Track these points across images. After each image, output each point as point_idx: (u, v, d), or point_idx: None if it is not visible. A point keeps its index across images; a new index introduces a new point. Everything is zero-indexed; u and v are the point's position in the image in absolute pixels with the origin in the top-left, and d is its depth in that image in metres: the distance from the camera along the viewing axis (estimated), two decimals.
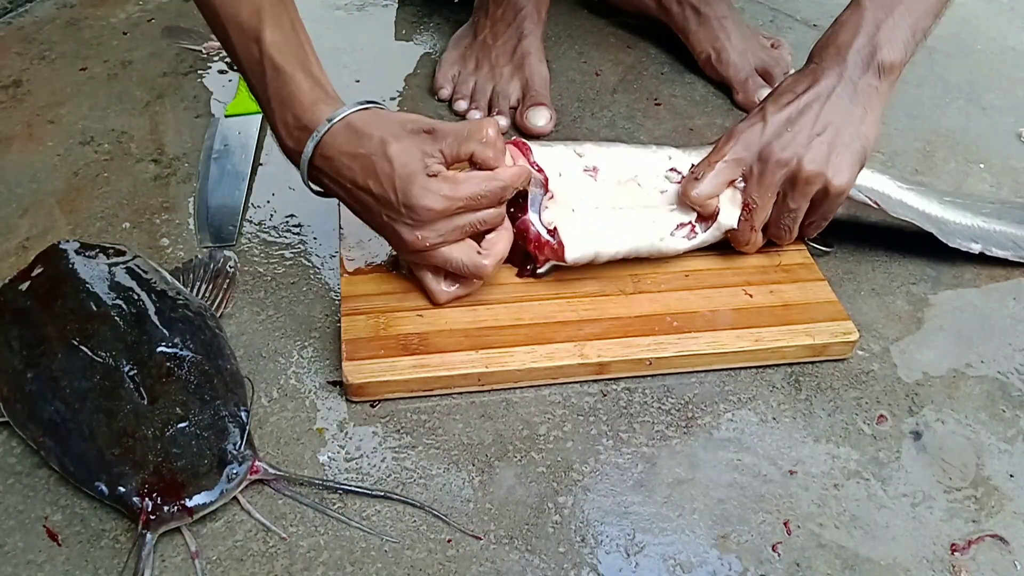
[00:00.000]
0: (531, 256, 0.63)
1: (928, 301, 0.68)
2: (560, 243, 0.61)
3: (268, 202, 0.74)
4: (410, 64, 0.91)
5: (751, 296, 0.64)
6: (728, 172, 0.62)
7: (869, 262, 0.70)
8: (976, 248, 0.69)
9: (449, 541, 0.51)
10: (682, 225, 0.64)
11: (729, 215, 0.63)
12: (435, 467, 0.54)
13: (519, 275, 0.64)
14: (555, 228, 0.61)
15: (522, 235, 0.62)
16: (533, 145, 0.63)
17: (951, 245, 0.68)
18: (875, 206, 0.66)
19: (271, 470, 0.52)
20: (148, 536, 0.48)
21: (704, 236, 0.64)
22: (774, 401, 0.60)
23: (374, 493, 0.52)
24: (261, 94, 0.58)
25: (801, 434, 0.58)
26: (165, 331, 0.56)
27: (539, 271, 0.63)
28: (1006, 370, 0.63)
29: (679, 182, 0.64)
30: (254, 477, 0.51)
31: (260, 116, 0.82)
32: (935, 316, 0.67)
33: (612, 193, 0.63)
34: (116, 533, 0.50)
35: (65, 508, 0.51)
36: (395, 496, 0.52)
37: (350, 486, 0.52)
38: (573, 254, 0.61)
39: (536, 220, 0.62)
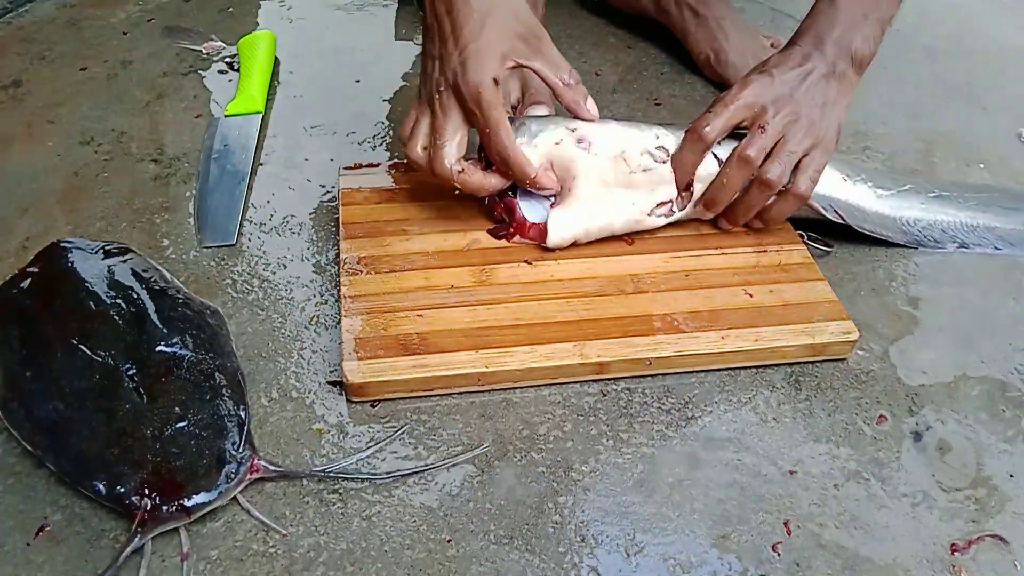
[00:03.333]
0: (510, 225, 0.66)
1: (928, 301, 0.68)
2: (544, 230, 0.65)
3: (268, 202, 0.74)
4: (410, 64, 0.91)
5: (751, 296, 0.64)
6: (739, 114, 0.64)
7: (869, 262, 0.70)
8: (952, 247, 0.72)
9: (449, 541, 0.51)
10: (661, 204, 0.66)
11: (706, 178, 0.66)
12: (435, 467, 0.54)
13: (492, 233, 0.67)
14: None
15: (509, 213, 0.66)
16: (529, 124, 0.66)
17: (924, 247, 0.71)
18: (842, 221, 0.68)
19: (271, 468, 0.52)
20: (139, 537, 0.48)
21: (680, 215, 0.67)
22: (774, 401, 0.60)
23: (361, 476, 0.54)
24: None
25: (801, 434, 0.58)
26: (164, 330, 0.56)
27: (513, 240, 0.66)
28: (1006, 370, 0.63)
29: (663, 161, 0.65)
30: (254, 476, 0.51)
31: (260, 116, 0.82)
32: (935, 316, 0.67)
33: (602, 167, 0.65)
34: (116, 533, 0.50)
35: (65, 508, 0.51)
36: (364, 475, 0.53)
37: (344, 475, 0.53)
38: (554, 240, 0.65)
39: (526, 205, 0.66)
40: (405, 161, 0.76)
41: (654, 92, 0.89)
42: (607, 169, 0.64)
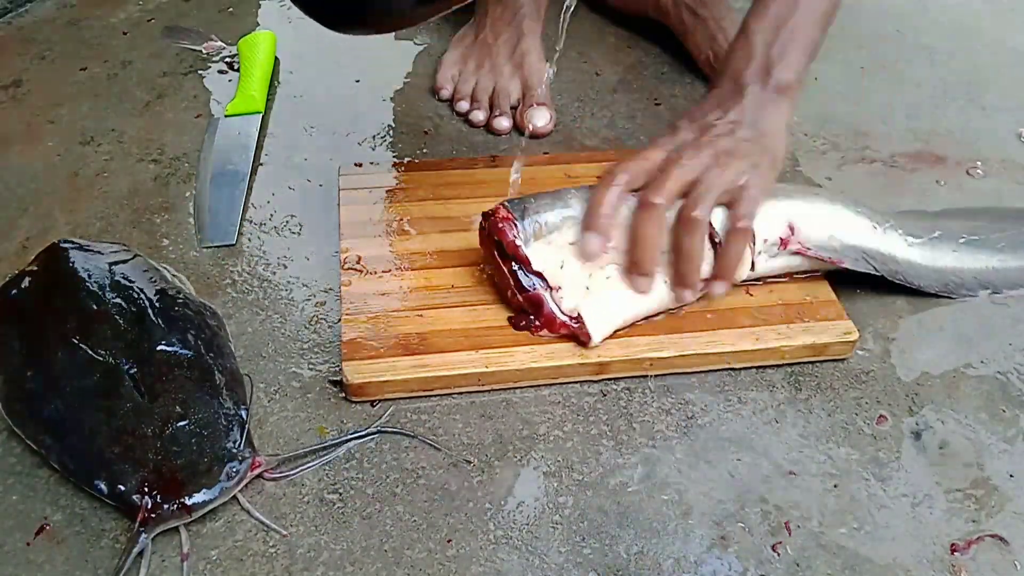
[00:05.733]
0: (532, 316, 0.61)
1: (928, 301, 0.68)
2: (586, 333, 0.58)
3: (268, 202, 0.74)
4: (410, 64, 0.91)
5: (751, 296, 0.64)
6: (645, 165, 0.59)
7: None
8: (984, 294, 0.68)
9: (449, 541, 0.51)
10: (704, 281, 0.60)
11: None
12: (435, 467, 0.54)
13: (513, 324, 0.61)
14: (579, 315, 0.59)
15: (535, 310, 0.59)
16: (536, 244, 0.59)
17: (956, 297, 0.67)
18: (875, 272, 0.64)
19: (272, 458, 0.52)
20: (143, 536, 0.48)
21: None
22: (774, 401, 0.60)
23: (366, 432, 0.55)
24: None
25: (801, 434, 0.58)
26: (165, 329, 0.56)
27: (540, 334, 0.60)
28: (1006, 370, 0.63)
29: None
30: (256, 472, 0.51)
31: (260, 116, 0.82)
32: (935, 316, 0.67)
33: (624, 257, 0.60)
34: (116, 533, 0.50)
35: (65, 508, 0.51)
36: (388, 430, 0.55)
37: (342, 439, 0.55)
38: (597, 339, 0.59)
39: (557, 311, 0.59)
40: (405, 161, 0.77)
41: (654, 92, 0.89)
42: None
